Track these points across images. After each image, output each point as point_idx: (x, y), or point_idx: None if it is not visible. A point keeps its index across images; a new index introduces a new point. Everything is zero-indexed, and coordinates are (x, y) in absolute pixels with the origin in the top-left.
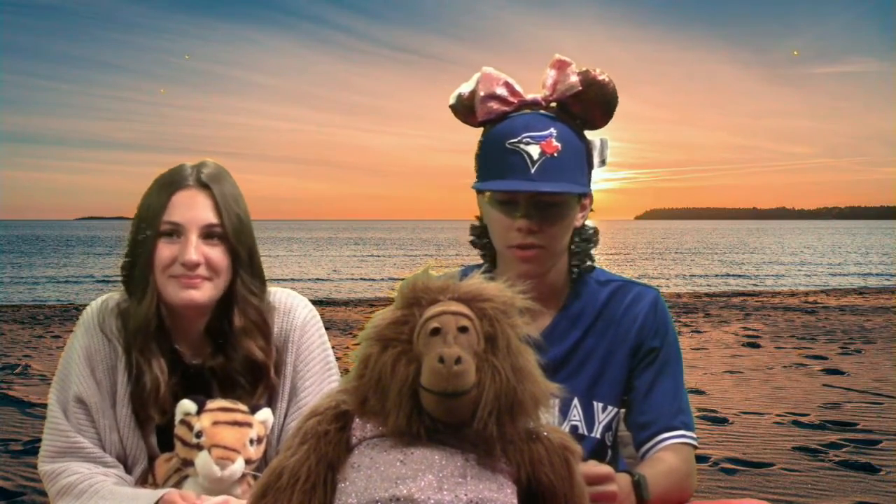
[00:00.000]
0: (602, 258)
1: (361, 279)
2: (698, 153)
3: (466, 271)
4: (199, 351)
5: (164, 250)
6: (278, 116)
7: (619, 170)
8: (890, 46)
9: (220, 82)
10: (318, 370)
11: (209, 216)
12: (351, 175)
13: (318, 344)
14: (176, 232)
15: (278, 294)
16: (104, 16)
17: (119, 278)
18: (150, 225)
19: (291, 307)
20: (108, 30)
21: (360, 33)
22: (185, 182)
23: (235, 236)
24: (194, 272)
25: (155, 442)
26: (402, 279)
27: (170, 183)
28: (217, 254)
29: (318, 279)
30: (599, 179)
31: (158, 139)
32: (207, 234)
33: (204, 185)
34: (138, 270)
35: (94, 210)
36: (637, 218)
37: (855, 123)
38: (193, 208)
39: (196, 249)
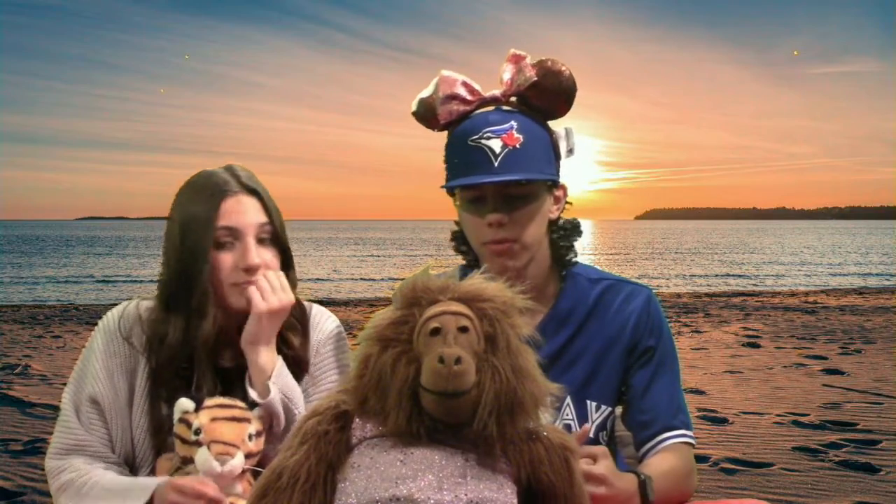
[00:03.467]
0: (602, 258)
1: (361, 279)
2: (698, 153)
3: (466, 271)
4: (233, 353)
5: (224, 259)
6: (278, 116)
7: (619, 170)
8: (890, 46)
9: (220, 82)
10: (335, 379)
11: (261, 217)
12: (351, 175)
13: (338, 357)
14: (232, 238)
15: (311, 307)
16: (104, 16)
17: (118, 278)
18: (200, 236)
19: (321, 320)
20: (108, 30)
21: (360, 33)
22: (229, 188)
23: (283, 236)
24: (254, 276)
25: (166, 444)
26: (402, 279)
27: (212, 191)
28: (271, 255)
29: (318, 279)
30: (599, 179)
31: (158, 139)
32: (260, 236)
33: (250, 190)
34: (196, 286)
35: (94, 210)
36: (637, 218)
37: (855, 123)
38: (245, 212)
39: (257, 252)
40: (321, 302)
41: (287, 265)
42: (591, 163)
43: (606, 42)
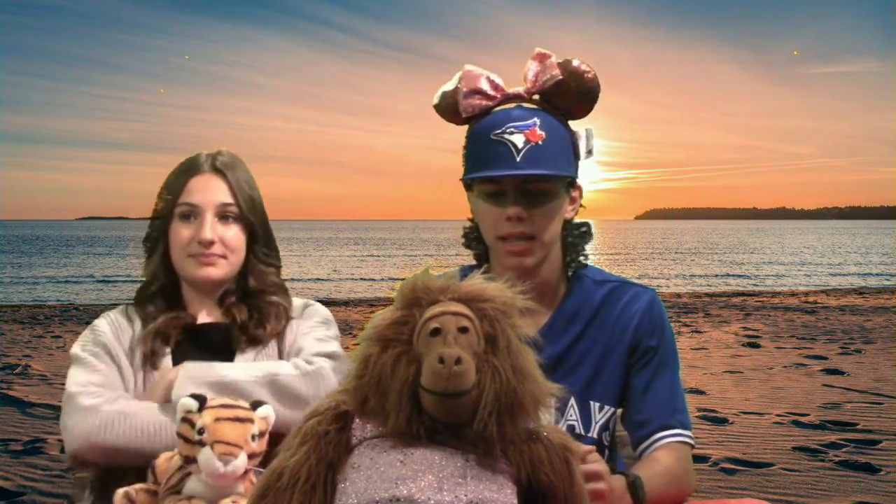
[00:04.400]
0: (602, 258)
1: (361, 279)
2: (698, 153)
3: (466, 271)
4: (213, 316)
5: (183, 231)
6: (278, 116)
7: (619, 170)
8: (890, 46)
9: (220, 82)
10: (314, 323)
11: (224, 197)
12: (351, 175)
13: (320, 316)
14: (193, 213)
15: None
16: (104, 16)
17: (118, 278)
18: (167, 206)
19: (294, 300)
20: (108, 30)
21: (360, 33)
22: (200, 168)
23: (250, 215)
24: (210, 250)
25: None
26: (402, 279)
27: (187, 169)
28: (231, 233)
29: (318, 279)
30: (599, 179)
31: (158, 139)
32: (222, 214)
33: (218, 171)
34: (152, 244)
35: (94, 210)
36: (637, 218)
37: (855, 123)
38: (209, 191)
39: (211, 228)
40: (321, 302)
41: (256, 241)
42: (591, 163)
43: (606, 42)
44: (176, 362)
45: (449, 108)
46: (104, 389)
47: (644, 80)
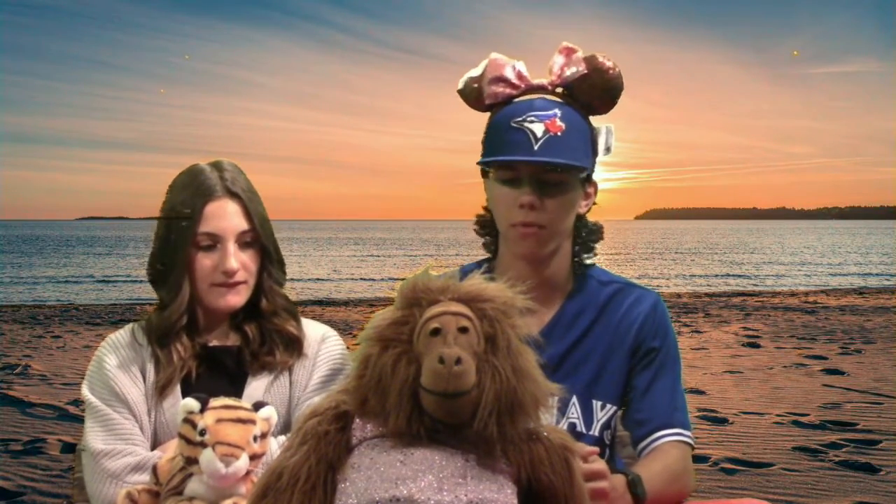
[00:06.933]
0: (602, 258)
1: (361, 279)
2: (698, 153)
3: (466, 271)
4: (224, 338)
5: (204, 261)
6: (278, 116)
7: (619, 170)
8: (890, 46)
9: (220, 82)
10: (327, 374)
11: (242, 223)
12: (351, 175)
13: (336, 361)
14: (214, 242)
15: (304, 322)
16: (104, 16)
17: (118, 278)
18: (183, 234)
19: (313, 327)
20: (108, 30)
21: (360, 33)
22: (214, 192)
23: (265, 237)
24: (233, 279)
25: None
26: (402, 279)
27: (198, 192)
28: (250, 257)
29: (318, 279)
30: (600, 179)
31: (158, 139)
32: (242, 240)
33: (233, 194)
34: (173, 277)
35: (94, 210)
36: (637, 218)
37: (854, 123)
38: (227, 218)
39: (235, 257)
40: (321, 302)
41: (270, 262)
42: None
43: (606, 42)
44: (190, 387)
45: (472, 94)
46: (123, 444)
47: (644, 80)
